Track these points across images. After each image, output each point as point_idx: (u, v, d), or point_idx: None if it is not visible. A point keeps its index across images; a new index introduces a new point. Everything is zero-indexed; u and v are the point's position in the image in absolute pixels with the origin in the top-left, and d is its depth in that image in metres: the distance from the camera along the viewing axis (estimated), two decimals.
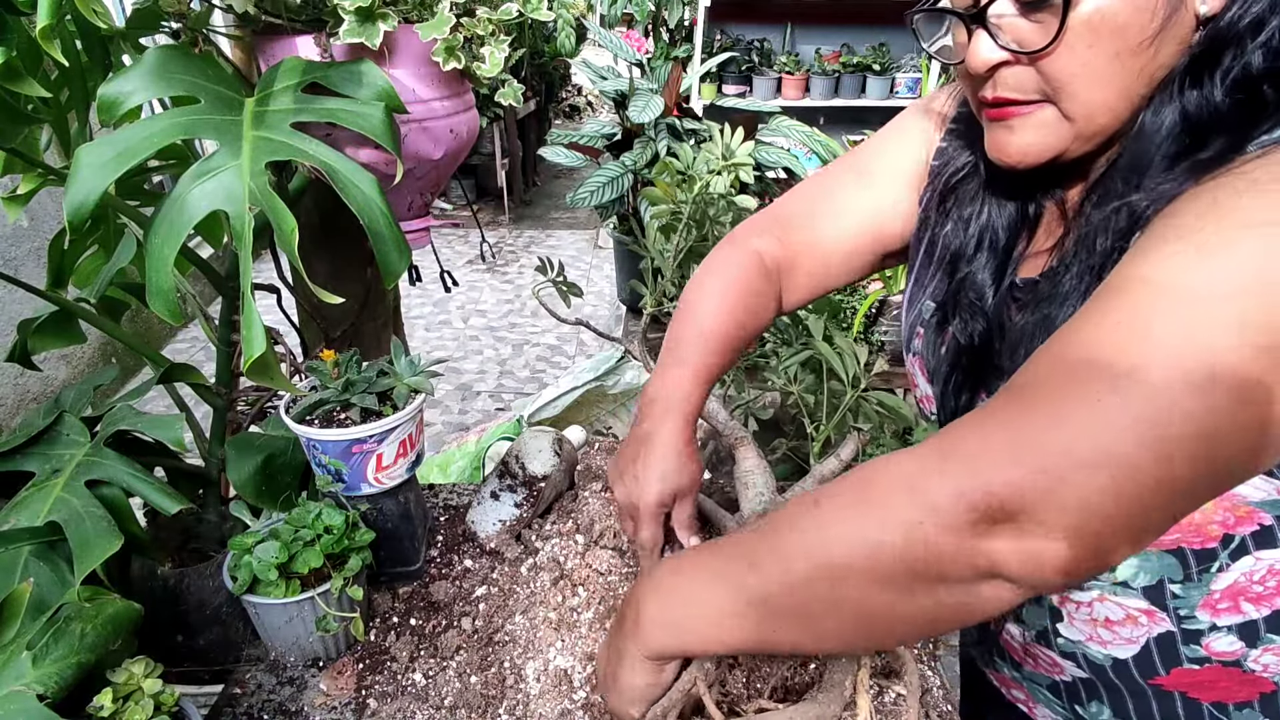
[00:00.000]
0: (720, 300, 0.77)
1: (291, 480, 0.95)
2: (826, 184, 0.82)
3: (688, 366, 0.73)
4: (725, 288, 0.78)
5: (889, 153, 0.78)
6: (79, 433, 0.87)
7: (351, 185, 0.77)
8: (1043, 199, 0.64)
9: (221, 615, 0.89)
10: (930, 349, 0.70)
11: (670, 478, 0.69)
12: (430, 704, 0.75)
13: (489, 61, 0.88)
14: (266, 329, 0.70)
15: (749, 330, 0.78)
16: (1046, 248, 0.62)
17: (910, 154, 0.76)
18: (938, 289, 0.70)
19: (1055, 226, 0.63)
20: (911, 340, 0.74)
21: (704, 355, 0.74)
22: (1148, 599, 0.60)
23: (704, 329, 0.75)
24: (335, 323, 1.22)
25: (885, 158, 0.78)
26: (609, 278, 4.25)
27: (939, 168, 0.72)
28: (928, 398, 0.72)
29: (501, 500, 0.96)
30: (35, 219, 2.81)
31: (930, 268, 0.73)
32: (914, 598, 0.45)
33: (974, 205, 0.66)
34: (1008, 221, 0.64)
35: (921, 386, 0.74)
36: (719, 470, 0.79)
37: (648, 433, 0.71)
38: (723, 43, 4.98)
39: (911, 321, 0.74)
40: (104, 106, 0.72)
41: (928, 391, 0.72)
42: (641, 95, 2.69)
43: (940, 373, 0.68)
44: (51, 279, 1.01)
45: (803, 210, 0.83)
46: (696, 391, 0.73)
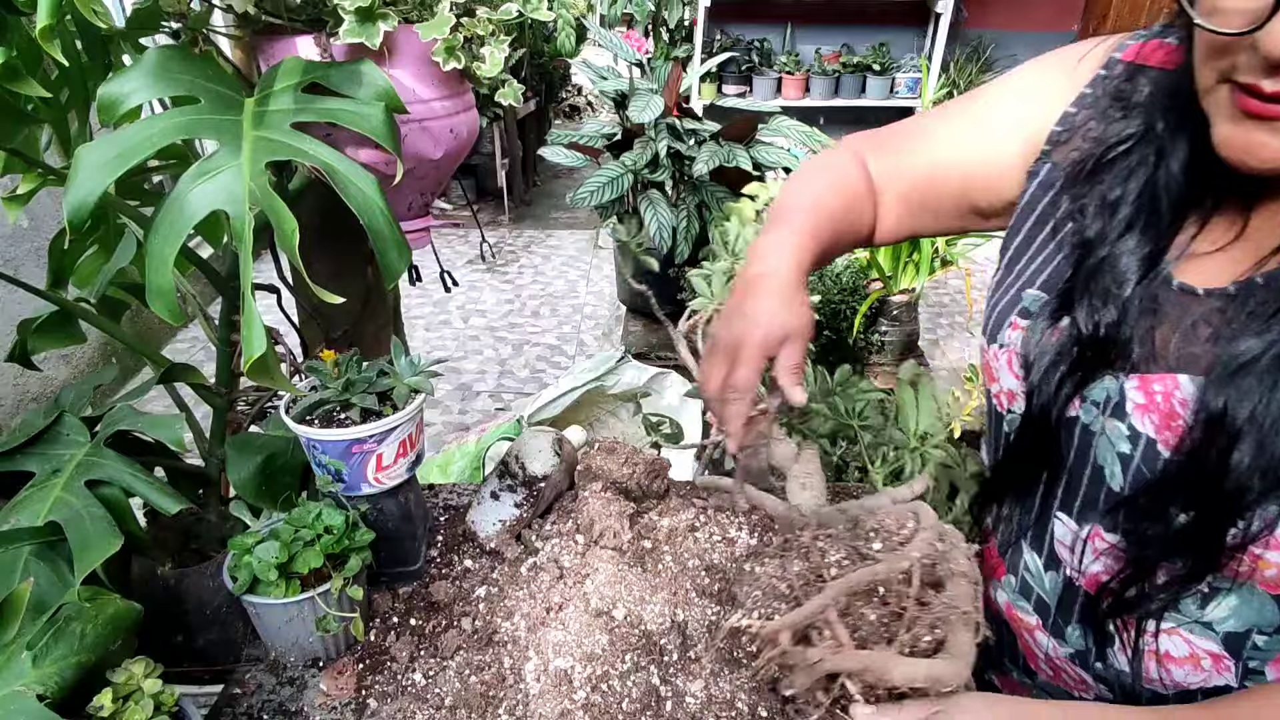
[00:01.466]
0: (828, 184, 0.75)
1: (291, 480, 0.95)
2: (933, 118, 0.77)
3: (796, 226, 0.70)
4: (832, 176, 0.75)
5: (1007, 103, 0.71)
6: (79, 433, 0.87)
7: (351, 185, 0.77)
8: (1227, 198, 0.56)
9: (221, 615, 0.89)
10: (1032, 341, 0.63)
11: (780, 314, 0.64)
12: (430, 704, 0.75)
13: (489, 61, 0.88)
14: (266, 329, 0.70)
15: (852, 223, 0.75)
16: (1211, 250, 0.56)
17: (1030, 111, 0.68)
18: (1051, 277, 0.64)
19: (1228, 230, 0.56)
20: (1001, 331, 0.67)
21: (814, 222, 0.71)
22: (1224, 645, 0.58)
23: (811, 202, 0.72)
24: (335, 323, 1.22)
25: (1002, 106, 0.71)
26: (609, 278, 4.24)
27: (1061, 134, 0.65)
28: (1009, 393, 0.67)
29: (501, 500, 0.96)
30: (35, 219, 2.81)
31: (1037, 253, 0.66)
32: None
33: (1129, 185, 0.59)
34: (1174, 211, 0.57)
35: (1004, 381, 0.67)
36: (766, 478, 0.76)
37: (758, 273, 0.66)
38: (723, 43, 4.98)
39: (1003, 310, 0.67)
40: (104, 106, 0.72)
41: (1012, 387, 0.66)
42: (641, 95, 2.69)
43: (1042, 363, 0.61)
44: (51, 279, 1.01)
45: (903, 133, 0.79)
46: (807, 244, 0.68)
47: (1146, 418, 0.56)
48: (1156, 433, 0.56)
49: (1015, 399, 0.66)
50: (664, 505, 0.98)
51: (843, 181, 0.76)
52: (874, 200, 0.78)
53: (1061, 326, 0.61)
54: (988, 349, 0.69)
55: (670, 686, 0.74)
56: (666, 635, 0.78)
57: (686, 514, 0.95)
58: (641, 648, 0.76)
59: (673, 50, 4.51)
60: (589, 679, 0.74)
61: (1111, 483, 0.60)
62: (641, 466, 0.98)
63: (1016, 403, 0.66)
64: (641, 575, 0.84)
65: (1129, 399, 0.57)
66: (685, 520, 0.94)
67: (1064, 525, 0.66)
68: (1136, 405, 0.57)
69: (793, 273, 0.66)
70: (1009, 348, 0.66)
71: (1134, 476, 0.58)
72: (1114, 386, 0.58)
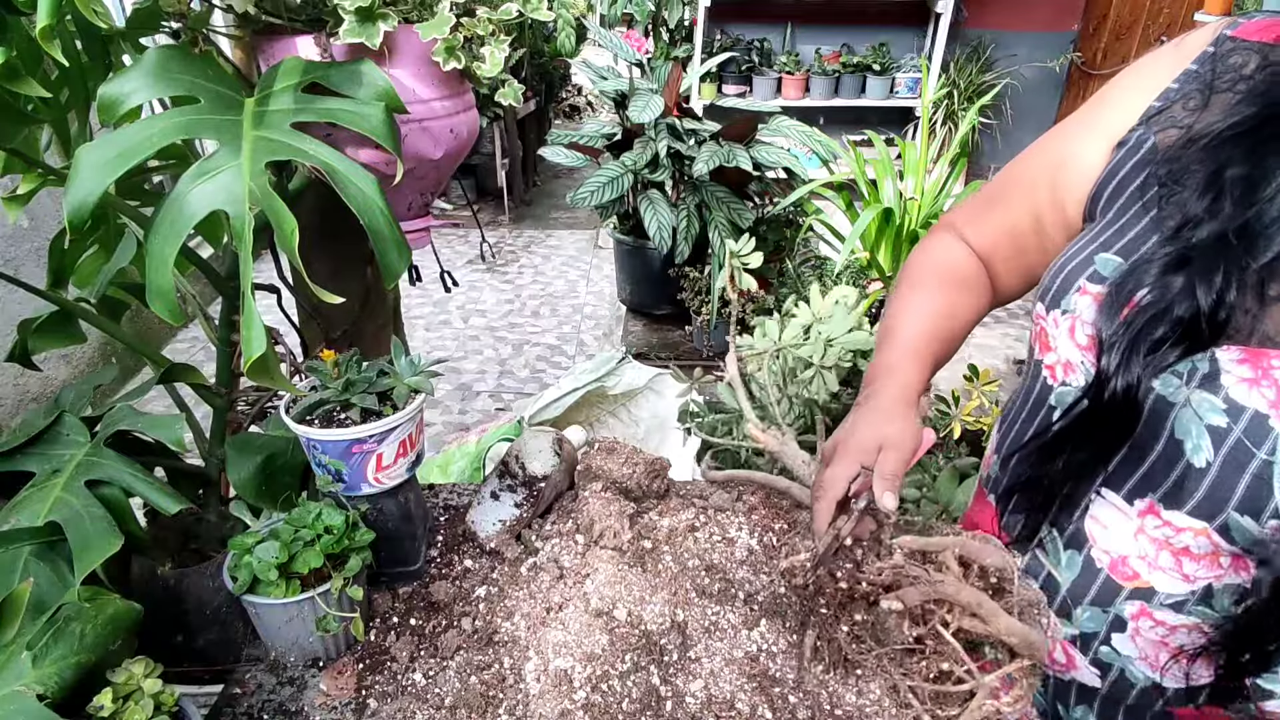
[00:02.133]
0: (932, 292, 0.78)
1: (291, 480, 0.95)
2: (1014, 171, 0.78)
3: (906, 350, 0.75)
4: (937, 281, 0.79)
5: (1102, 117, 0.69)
6: (79, 433, 0.87)
7: (351, 185, 0.77)
8: None
9: (221, 615, 0.89)
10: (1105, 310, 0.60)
11: (880, 426, 0.68)
12: (430, 704, 0.75)
13: (489, 61, 0.88)
14: (266, 329, 0.70)
15: (962, 321, 0.78)
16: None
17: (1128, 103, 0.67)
18: (1132, 244, 0.61)
19: None
20: (1066, 295, 0.64)
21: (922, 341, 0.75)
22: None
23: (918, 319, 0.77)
24: (335, 323, 1.22)
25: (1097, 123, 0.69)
26: (609, 277, 4.24)
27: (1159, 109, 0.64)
28: (1066, 364, 0.64)
29: (501, 500, 0.96)
30: (35, 219, 2.81)
31: (1116, 218, 0.64)
32: None
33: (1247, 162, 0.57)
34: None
35: (1062, 350, 0.65)
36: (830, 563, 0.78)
37: (865, 396, 0.72)
38: (723, 43, 4.98)
39: (1070, 273, 0.64)
40: (104, 106, 0.72)
41: (1071, 357, 0.64)
42: (641, 95, 2.69)
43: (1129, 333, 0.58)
44: (51, 279, 1.01)
45: (997, 196, 0.80)
46: (914, 367, 0.73)
47: (1256, 391, 0.54)
48: (1271, 407, 0.53)
49: (1073, 370, 0.64)
50: (664, 505, 0.98)
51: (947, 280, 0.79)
52: (985, 273, 0.80)
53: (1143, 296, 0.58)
54: (1046, 315, 0.66)
55: (670, 686, 0.74)
56: (666, 635, 0.78)
57: (686, 514, 0.95)
58: (641, 648, 0.76)
59: (673, 50, 4.51)
60: (589, 679, 0.74)
61: (1194, 458, 0.57)
62: (641, 466, 0.98)
63: (1074, 374, 0.64)
64: (641, 575, 0.84)
65: (1225, 370, 0.55)
66: (685, 520, 0.94)
67: (1106, 503, 0.64)
68: (1242, 379, 0.54)
69: (901, 390, 0.71)
70: (1073, 314, 0.63)
71: (1230, 451, 0.55)
72: (1202, 357, 0.56)
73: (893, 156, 2.75)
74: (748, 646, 0.77)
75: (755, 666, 0.75)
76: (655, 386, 2.27)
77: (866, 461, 0.66)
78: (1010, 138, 5.59)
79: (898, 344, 0.76)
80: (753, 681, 0.74)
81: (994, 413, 1.88)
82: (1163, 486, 0.60)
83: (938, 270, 0.81)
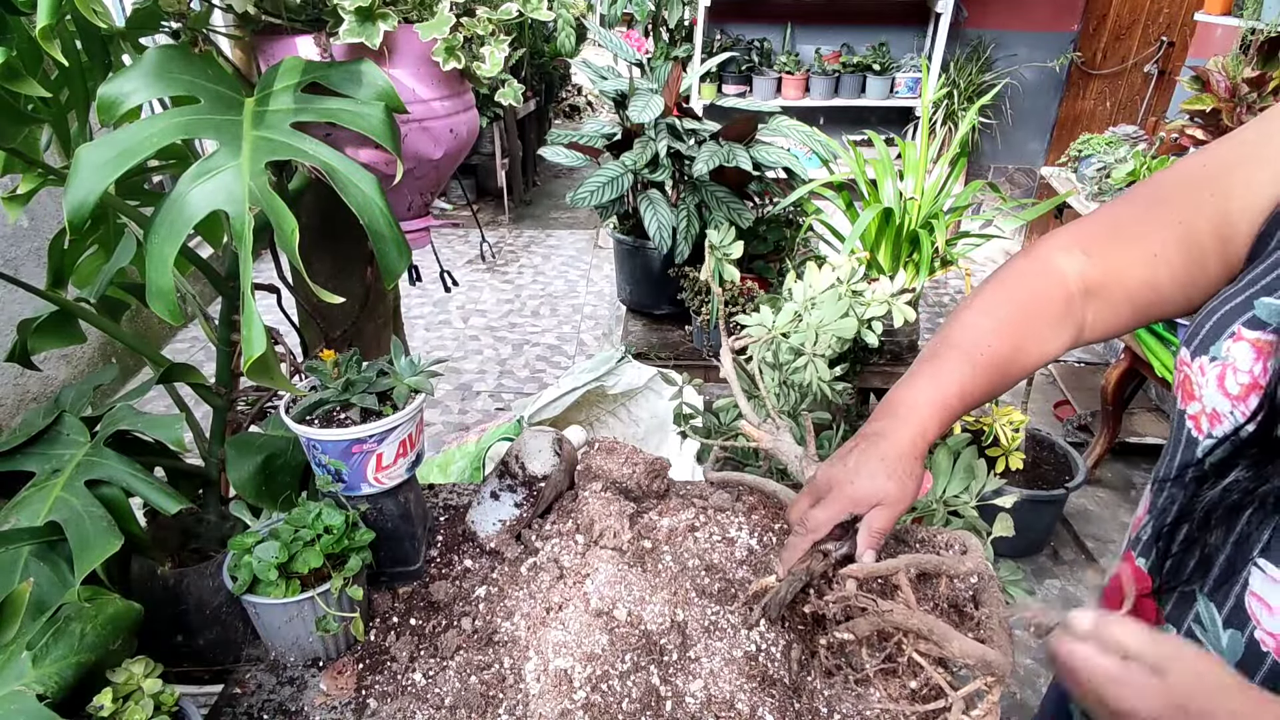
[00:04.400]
0: (999, 320, 0.69)
1: (291, 480, 0.95)
2: (1165, 187, 0.68)
3: (940, 385, 0.67)
4: (1009, 307, 0.70)
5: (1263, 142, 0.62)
6: (79, 433, 0.87)
7: (351, 185, 0.77)
8: None
9: (221, 615, 0.89)
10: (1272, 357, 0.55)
11: (880, 479, 0.64)
12: (430, 704, 0.75)
13: (489, 61, 0.88)
14: (266, 329, 0.70)
15: (1027, 357, 0.70)
16: None
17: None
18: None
19: None
20: (1216, 342, 0.59)
21: (962, 378, 0.67)
22: None
23: (971, 349, 0.68)
24: (335, 323, 1.22)
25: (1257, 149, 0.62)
26: (609, 277, 4.25)
27: None
28: (1213, 414, 0.59)
29: (501, 500, 0.96)
30: (35, 219, 2.81)
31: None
32: None
33: None
34: None
35: (1208, 400, 0.59)
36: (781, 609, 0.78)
37: (878, 430, 0.66)
38: (723, 43, 4.98)
39: (1223, 318, 0.59)
40: (104, 106, 0.73)
41: (1219, 407, 0.59)
42: (641, 95, 2.69)
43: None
44: (51, 279, 1.01)
45: (1131, 220, 0.69)
46: (937, 417, 0.66)
47: None
48: None
49: (1219, 421, 0.59)
50: (664, 505, 0.98)
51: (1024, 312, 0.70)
52: (1079, 313, 0.71)
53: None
54: (1191, 362, 0.61)
55: (670, 686, 0.74)
56: (666, 635, 0.78)
57: (686, 514, 0.95)
58: (641, 648, 0.76)
59: (673, 50, 4.51)
60: (589, 679, 0.74)
61: None
62: (641, 466, 0.98)
63: (1220, 426, 0.58)
64: (641, 575, 0.84)
65: None
66: (685, 520, 0.94)
67: (1266, 577, 0.56)
68: None
69: (913, 442, 0.65)
70: (1225, 361, 0.58)
71: None
72: None
73: (893, 156, 2.75)
74: (747, 646, 0.77)
75: (755, 667, 0.75)
76: (655, 386, 2.27)
77: (859, 511, 0.65)
78: (1010, 138, 5.59)
79: (933, 380, 0.68)
80: (752, 681, 0.74)
81: (995, 412, 1.88)
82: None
83: (1017, 293, 0.72)
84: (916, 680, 0.68)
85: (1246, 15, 3.08)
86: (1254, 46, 2.84)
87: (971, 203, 2.68)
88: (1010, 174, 5.70)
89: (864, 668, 0.66)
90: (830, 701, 0.73)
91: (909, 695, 0.70)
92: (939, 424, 0.66)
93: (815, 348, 1.15)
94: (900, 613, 0.60)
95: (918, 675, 0.66)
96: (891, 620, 0.60)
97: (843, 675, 0.74)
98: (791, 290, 1.25)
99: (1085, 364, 3.36)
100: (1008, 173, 5.71)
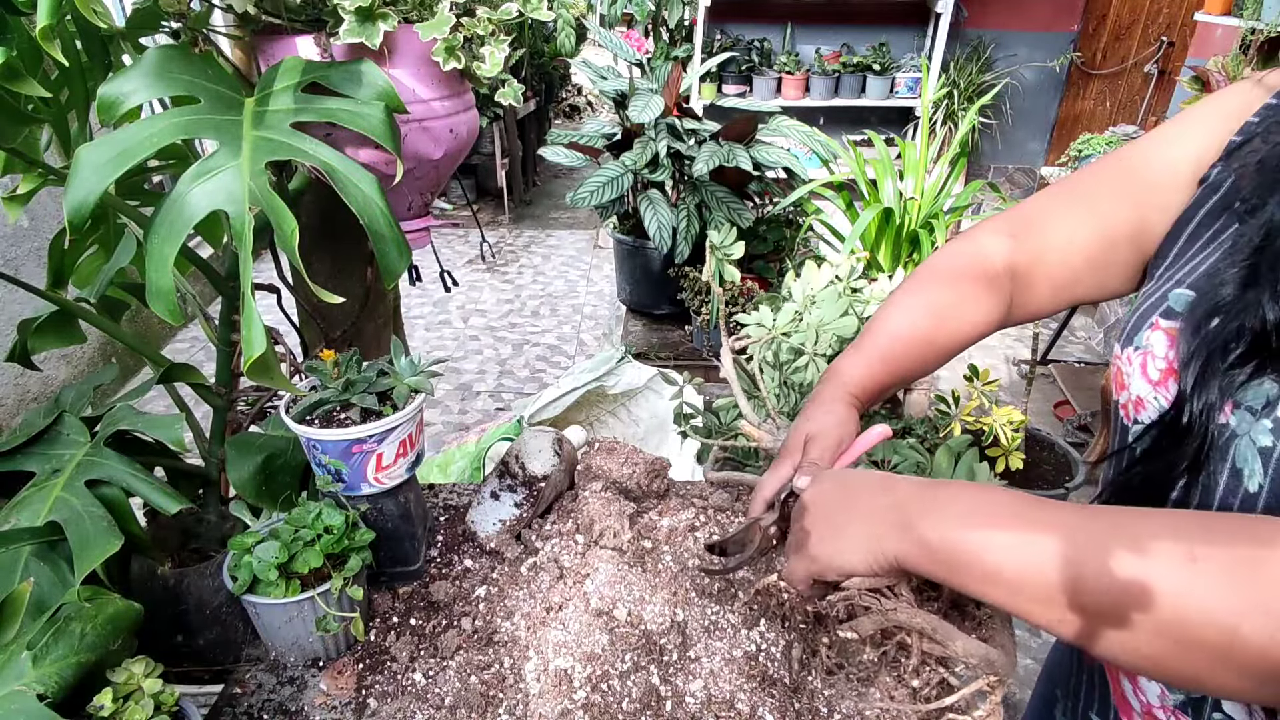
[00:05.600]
0: (920, 297, 0.78)
1: (291, 480, 0.95)
2: (1085, 182, 0.75)
3: (862, 354, 0.76)
4: (931, 286, 0.78)
5: (1175, 143, 0.68)
6: (79, 433, 0.87)
7: (351, 185, 0.77)
8: None
9: (221, 615, 0.89)
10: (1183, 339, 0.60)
11: (804, 423, 0.72)
12: (430, 704, 0.75)
13: (489, 61, 0.88)
14: (266, 329, 0.70)
15: (947, 333, 0.77)
16: None
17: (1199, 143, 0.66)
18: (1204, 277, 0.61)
19: None
20: (1139, 334, 0.64)
21: (883, 349, 0.76)
22: None
23: (890, 327, 0.77)
24: (335, 323, 1.22)
25: (1169, 149, 0.68)
26: (609, 277, 4.25)
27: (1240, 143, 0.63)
28: (1138, 400, 0.64)
29: (501, 500, 0.96)
30: (35, 219, 2.81)
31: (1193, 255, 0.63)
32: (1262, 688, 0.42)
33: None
34: None
35: (1134, 387, 0.64)
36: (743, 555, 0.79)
37: (815, 389, 0.76)
38: (723, 43, 4.98)
39: (1144, 312, 0.65)
40: (104, 106, 0.72)
41: (1142, 393, 0.63)
42: (641, 95, 2.69)
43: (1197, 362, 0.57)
44: (51, 279, 1.01)
45: (1053, 209, 0.77)
46: (862, 366, 0.76)
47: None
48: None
49: (1144, 407, 0.63)
50: (664, 505, 0.98)
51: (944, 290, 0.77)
52: (1003, 292, 0.78)
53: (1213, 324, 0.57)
54: (1120, 354, 0.66)
55: (670, 686, 0.74)
56: (666, 635, 0.78)
57: (686, 514, 0.95)
58: (641, 648, 0.76)
59: (673, 50, 4.51)
60: (589, 679, 0.74)
61: (1249, 483, 0.55)
62: (641, 466, 0.98)
63: (1145, 411, 0.63)
64: (641, 575, 0.84)
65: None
66: (685, 520, 0.94)
67: None
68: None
69: (830, 394, 0.74)
70: (1144, 350, 0.63)
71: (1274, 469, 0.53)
72: (1275, 389, 0.54)
73: (893, 156, 2.75)
74: (747, 646, 0.77)
75: (755, 666, 0.75)
76: (655, 386, 2.27)
77: (796, 458, 0.70)
78: (1010, 137, 5.59)
79: (859, 346, 0.78)
80: (752, 681, 0.74)
81: (995, 412, 1.88)
82: None
83: (941, 271, 0.80)
84: (919, 679, 0.68)
85: (1246, 15, 3.08)
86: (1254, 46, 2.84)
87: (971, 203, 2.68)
88: (1010, 174, 5.70)
89: (866, 667, 0.66)
90: (830, 701, 0.73)
91: (911, 694, 0.70)
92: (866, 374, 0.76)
93: (816, 347, 1.16)
94: (904, 611, 0.61)
95: (920, 674, 0.66)
96: (895, 619, 0.61)
97: (844, 674, 0.74)
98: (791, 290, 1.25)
99: (1085, 364, 3.36)
100: (1008, 173, 5.71)
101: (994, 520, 0.52)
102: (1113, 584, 0.46)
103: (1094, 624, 0.47)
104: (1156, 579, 0.45)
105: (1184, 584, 0.44)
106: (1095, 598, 0.47)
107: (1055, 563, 0.48)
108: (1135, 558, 0.46)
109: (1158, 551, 0.46)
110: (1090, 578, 0.47)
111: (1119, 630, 0.46)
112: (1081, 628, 0.47)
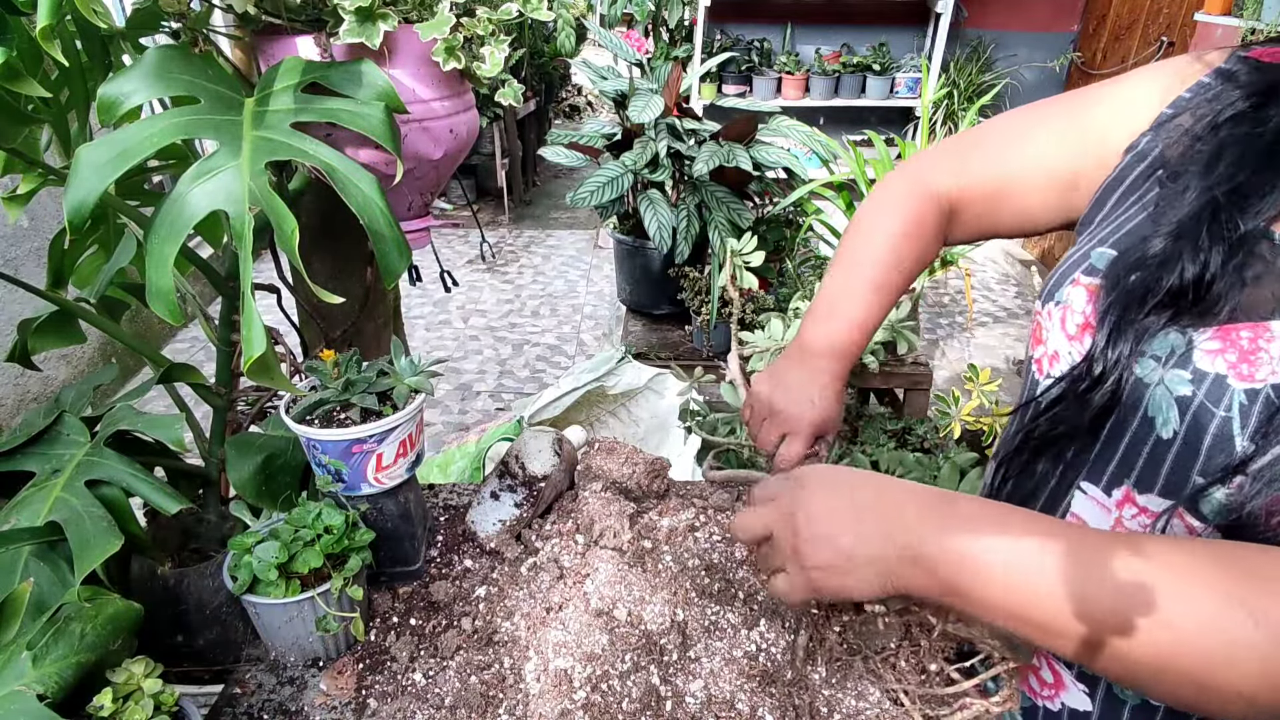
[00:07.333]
0: (885, 243, 0.78)
1: (291, 480, 0.95)
2: (1027, 120, 0.77)
3: (846, 320, 0.78)
4: (892, 229, 0.79)
5: (1118, 99, 0.70)
6: (79, 433, 0.87)
7: (351, 185, 0.77)
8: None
9: (221, 615, 0.89)
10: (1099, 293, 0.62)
11: (819, 406, 0.76)
12: (430, 704, 0.75)
13: (489, 61, 0.88)
14: (266, 329, 0.70)
15: (911, 274, 0.79)
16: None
17: (1135, 111, 0.68)
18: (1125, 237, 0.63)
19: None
20: (1060, 289, 0.66)
21: (865, 307, 0.78)
22: None
23: (866, 277, 0.78)
24: (335, 323, 1.22)
25: (1110, 103, 0.70)
26: (609, 278, 4.25)
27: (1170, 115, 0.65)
28: (1053, 355, 0.66)
29: (501, 500, 0.96)
30: (35, 219, 2.81)
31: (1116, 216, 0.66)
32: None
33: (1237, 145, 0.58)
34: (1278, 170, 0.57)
35: (1050, 342, 0.66)
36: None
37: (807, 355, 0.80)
38: (723, 43, 4.98)
39: (1066, 270, 0.66)
40: (104, 106, 0.72)
41: (1058, 347, 0.65)
42: (641, 95, 2.69)
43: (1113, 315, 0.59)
44: (51, 279, 1.01)
45: (991, 143, 0.79)
46: (857, 341, 0.78)
47: (1220, 358, 0.54)
48: (1230, 368, 0.54)
49: (1058, 361, 0.65)
50: (664, 505, 0.98)
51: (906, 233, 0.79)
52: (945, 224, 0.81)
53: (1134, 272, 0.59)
54: (1041, 310, 0.68)
55: (670, 686, 0.74)
56: (666, 635, 0.78)
57: (686, 514, 0.95)
58: (641, 648, 0.76)
59: (673, 50, 4.51)
60: (589, 679, 0.74)
61: (1163, 431, 0.57)
62: (641, 466, 0.98)
63: (1057, 365, 0.65)
64: (641, 575, 0.84)
65: (1197, 348, 0.55)
66: (685, 520, 0.94)
67: (1087, 497, 0.63)
68: (1207, 352, 0.55)
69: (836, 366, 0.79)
70: (1064, 304, 0.65)
71: (1193, 417, 0.55)
72: (1180, 340, 0.56)
73: (893, 156, 2.75)
74: (747, 646, 0.77)
75: (755, 666, 0.75)
76: (655, 386, 2.27)
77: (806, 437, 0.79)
78: None
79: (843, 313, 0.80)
80: (752, 681, 0.74)
81: (995, 412, 1.88)
82: (1136, 469, 0.59)
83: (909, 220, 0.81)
84: (935, 663, 0.67)
85: (1246, 15, 3.08)
86: None
87: None
88: None
89: (884, 648, 0.66)
90: (830, 701, 0.73)
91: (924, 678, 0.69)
92: (856, 352, 0.80)
93: None
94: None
95: (936, 658, 0.65)
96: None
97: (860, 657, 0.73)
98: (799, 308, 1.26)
99: None
100: None
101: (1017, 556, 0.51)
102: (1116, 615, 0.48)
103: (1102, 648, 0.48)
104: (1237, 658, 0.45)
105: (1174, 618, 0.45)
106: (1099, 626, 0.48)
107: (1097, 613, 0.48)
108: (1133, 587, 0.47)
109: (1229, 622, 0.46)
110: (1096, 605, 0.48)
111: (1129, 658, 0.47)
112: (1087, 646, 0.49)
